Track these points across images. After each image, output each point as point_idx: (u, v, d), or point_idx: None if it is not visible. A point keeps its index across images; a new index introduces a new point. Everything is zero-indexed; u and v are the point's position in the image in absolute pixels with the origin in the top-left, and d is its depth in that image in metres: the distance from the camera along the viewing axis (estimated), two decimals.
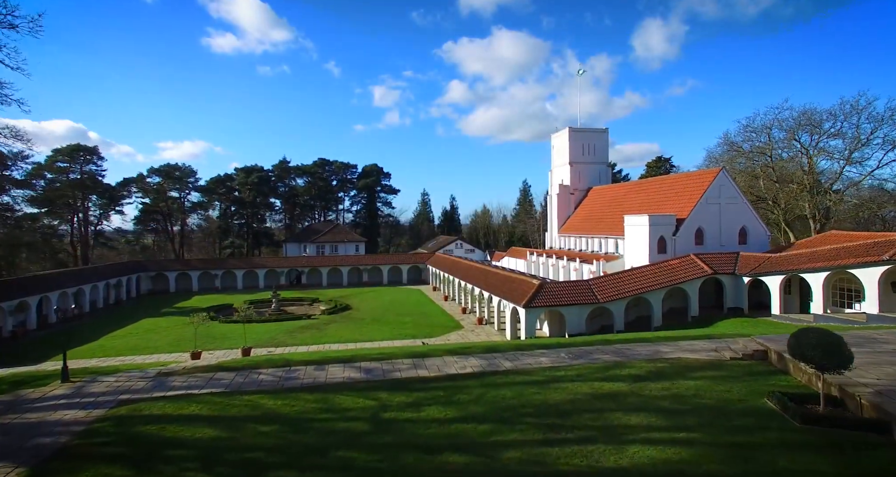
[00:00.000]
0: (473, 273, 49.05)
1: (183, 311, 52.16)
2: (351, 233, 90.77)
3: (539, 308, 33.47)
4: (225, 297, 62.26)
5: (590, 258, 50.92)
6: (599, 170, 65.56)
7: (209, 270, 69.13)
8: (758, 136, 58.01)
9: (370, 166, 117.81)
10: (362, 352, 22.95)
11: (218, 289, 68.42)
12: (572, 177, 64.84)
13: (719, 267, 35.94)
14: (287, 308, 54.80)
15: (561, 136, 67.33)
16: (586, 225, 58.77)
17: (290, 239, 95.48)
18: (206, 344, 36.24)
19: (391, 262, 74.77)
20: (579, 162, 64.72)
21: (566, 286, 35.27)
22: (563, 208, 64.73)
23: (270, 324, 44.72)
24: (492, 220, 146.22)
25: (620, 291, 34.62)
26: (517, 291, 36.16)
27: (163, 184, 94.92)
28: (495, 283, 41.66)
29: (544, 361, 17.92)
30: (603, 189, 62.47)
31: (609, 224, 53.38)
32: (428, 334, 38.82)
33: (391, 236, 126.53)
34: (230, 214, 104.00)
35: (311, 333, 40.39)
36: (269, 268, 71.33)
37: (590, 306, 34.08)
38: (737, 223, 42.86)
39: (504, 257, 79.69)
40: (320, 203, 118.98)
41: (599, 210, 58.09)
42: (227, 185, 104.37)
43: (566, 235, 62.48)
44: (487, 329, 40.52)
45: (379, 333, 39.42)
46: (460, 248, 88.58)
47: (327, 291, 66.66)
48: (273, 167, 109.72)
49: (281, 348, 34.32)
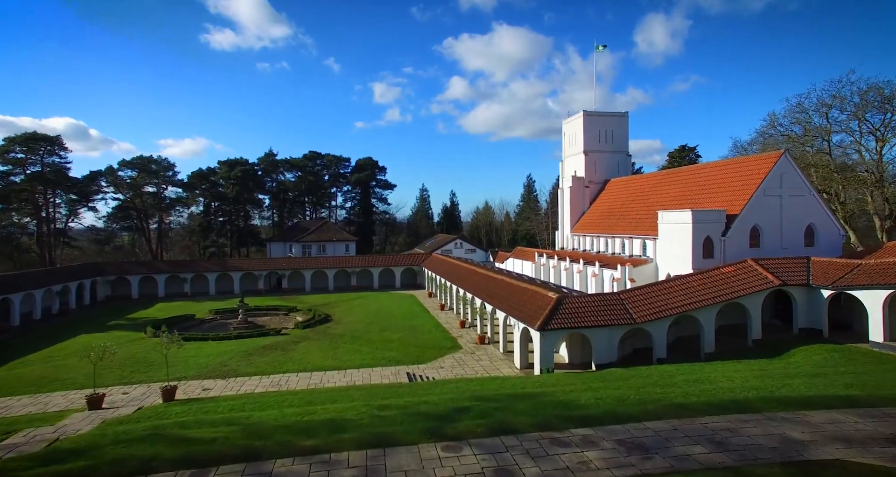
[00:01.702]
0: (474, 280, 41.36)
1: (136, 323, 44.58)
2: (340, 231, 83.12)
3: (558, 331, 25.81)
4: (192, 304, 54.73)
5: (612, 262, 43.15)
6: (618, 159, 57.59)
7: (177, 274, 61.54)
8: (812, 117, 49.46)
9: (364, 160, 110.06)
10: (295, 419, 15.17)
11: (187, 294, 60.84)
12: (587, 168, 56.92)
13: (788, 276, 28.12)
14: (258, 319, 47.27)
15: (574, 122, 59.45)
16: (605, 222, 50.98)
17: (274, 238, 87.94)
18: (137, 373, 28.69)
19: (382, 264, 67.12)
20: (595, 151, 56.77)
21: (592, 301, 27.56)
22: (577, 203, 56.90)
23: (230, 342, 37.14)
24: (494, 218, 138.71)
25: (662, 307, 26.91)
26: (529, 306, 28.48)
27: (137, 178, 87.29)
28: (501, 294, 33.98)
29: (592, 461, 10.25)
30: (624, 181, 54.54)
31: (634, 221, 45.60)
32: (417, 358, 31.25)
33: (387, 235, 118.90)
34: (212, 211, 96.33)
35: (274, 355, 32.79)
36: (245, 271, 63.72)
37: (623, 328, 26.41)
38: (802, 220, 34.86)
39: (508, 258, 71.96)
40: (311, 199, 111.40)
41: (621, 205, 50.23)
42: (211, 180, 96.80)
43: (580, 235, 54.71)
44: (491, 351, 32.86)
45: (356, 357, 31.84)
46: (460, 247, 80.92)
47: (309, 297, 59.11)
48: (259, 160, 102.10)
49: (224, 382, 26.70)
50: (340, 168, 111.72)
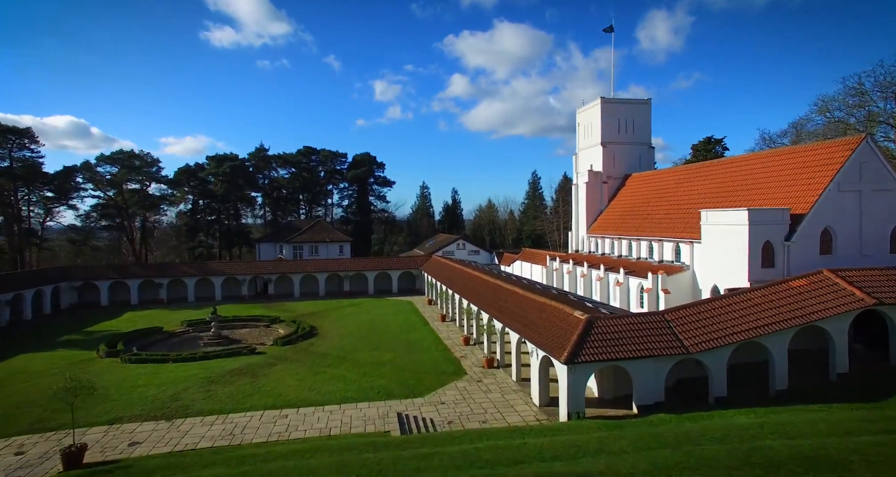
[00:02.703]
0: (481, 290, 35.67)
1: (92, 338, 38.96)
2: (334, 231, 77.43)
3: (591, 365, 20.13)
4: (166, 313, 49.20)
5: (640, 269, 37.42)
6: (640, 152, 51.66)
7: (152, 278, 55.96)
8: (873, 101, 43.17)
9: (361, 155, 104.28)
10: None
11: (163, 301, 55.25)
12: (605, 161, 51.00)
13: (882, 293, 22.36)
14: (236, 332, 41.76)
15: (590, 110, 53.55)
16: (627, 222, 45.21)
17: (264, 238, 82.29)
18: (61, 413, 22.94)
19: (378, 267, 61.46)
20: (614, 142, 50.85)
21: (630, 324, 21.86)
22: (594, 201, 51.05)
23: (193, 364, 31.52)
24: (497, 216, 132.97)
25: (719, 331, 21.20)
26: (550, 328, 22.82)
27: (117, 174, 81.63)
28: (514, 309, 28.30)
29: None
30: (648, 176, 48.61)
31: (663, 222, 39.82)
32: (412, 389, 25.67)
33: (386, 234, 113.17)
34: (199, 210, 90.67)
35: (241, 384, 27.21)
36: (227, 275, 58.11)
37: (671, 359, 20.75)
38: (887, 222, 28.74)
39: (515, 261, 66.27)
40: (306, 197, 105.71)
41: (646, 203, 44.40)
42: (199, 177, 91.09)
43: (598, 236, 48.93)
44: (502, 378, 27.22)
45: (339, 386, 26.29)
46: (462, 248, 75.25)
47: (297, 304, 53.57)
48: (249, 156, 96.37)
49: (166, 427, 21.05)
50: (336, 164, 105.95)
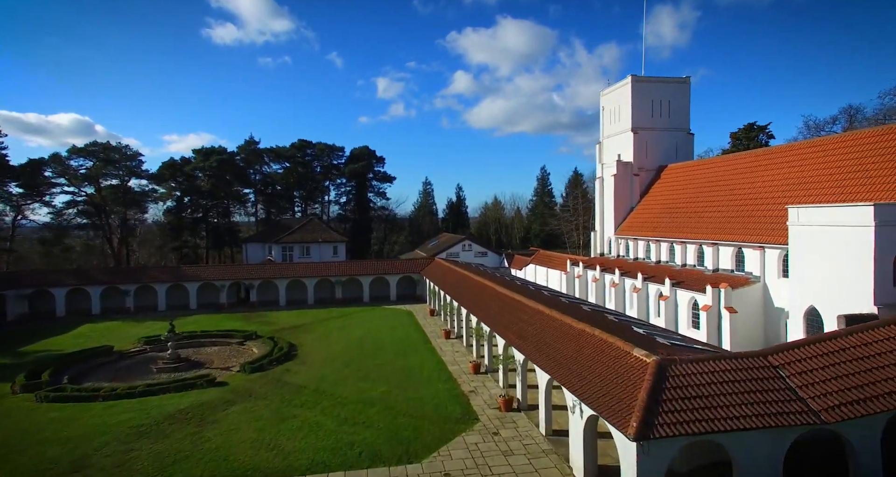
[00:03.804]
0: (492, 305, 28.72)
1: (20, 363, 31.99)
2: (328, 231, 70.57)
3: (674, 440, 13.21)
4: (129, 326, 42.64)
5: (691, 280, 30.40)
6: (677, 140, 44.44)
7: (117, 285, 49.26)
8: None
9: (360, 149, 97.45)
10: None
11: (129, 311, 48.60)
12: (636, 150, 43.86)
13: None
14: (203, 351, 35.19)
15: (617, 92, 46.33)
16: (668, 222, 38.13)
17: (251, 238, 75.62)
18: None
19: (374, 271, 54.63)
20: (647, 128, 43.71)
21: (720, 372, 14.90)
22: (623, 196, 43.97)
23: (129, 402, 24.81)
24: (504, 214, 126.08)
25: (862, 386, 14.26)
26: (598, 374, 15.86)
27: (93, 168, 75.00)
28: (540, 336, 21.35)
29: None
30: (691, 166, 41.27)
31: (718, 220, 32.73)
32: (406, 447, 18.86)
33: (386, 233, 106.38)
34: (184, 207, 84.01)
35: (179, 437, 20.42)
36: (204, 281, 51.38)
37: (794, 431, 13.83)
38: None
39: (528, 264, 59.30)
40: (301, 194, 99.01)
41: (691, 198, 37.27)
42: (185, 172, 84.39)
43: (628, 237, 41.91)
44: (526, 429, 20.35)
45: (310, 441, 19.52)
46: (469, 250, 68.38)
47: (281, 314, 46.94)
48: (239, 149, 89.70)
49: None
50: (334, 158, 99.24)
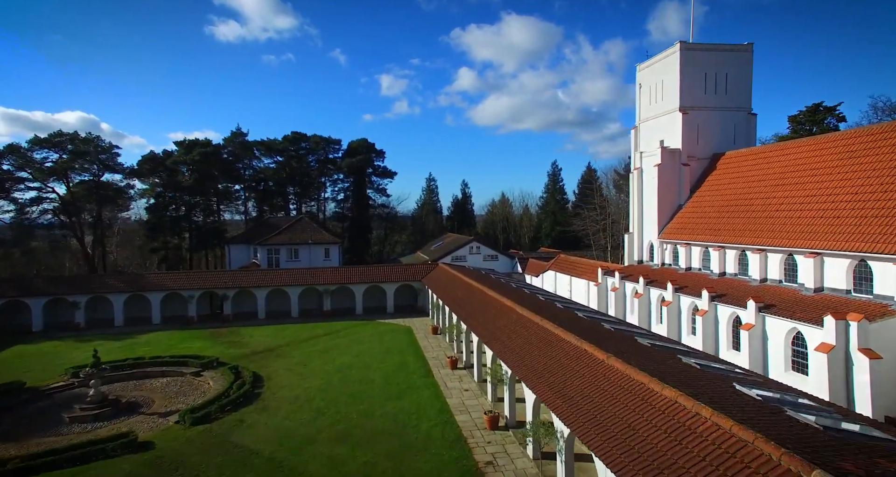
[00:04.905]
0: (514, 338, 20.92)
1: None
2: (319, 231, 63.03)
3: None
4: (71, 348, 35.36)
5: (791, 305, 22.59)
6: (735, 121, 36.52)
7: (64, 296, 41.91)
8: None
9: (358, 142, 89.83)
10: None
11: (78, 327, 41.23)
12: (685, 134, 35.91)
13: None
14: (142, 386, 27.73)
15: (660, 64, 38.23)
16: (733, 224, 30.26)
17: (235, 239, 68.26)
18: None
19: (369, 278, 47.05)
20: (699, 107, 35.83)
21: None
22: (669, 191, 36.12)
23: None
24: (512, 212, 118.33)
25: None
26: None
27: (61, 162, 67.74)
28: (596, 401, 13.62)
29: None
30: (755, 154, 33.17)
31: (820, 223, 24.91)
32: None
33: (387, 233, 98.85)
34: (164, 204, 76.64)
35: None
36: (170, 290, 43.95)
37: None
38: None
39: (546, 271, 51.63)
40: (296, 190, 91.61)
41: (767, 193, 29.23)
42: (167, 166, 77.05)
43: (677, 241, 34.13)
44: None
45: None
46: (477, 253, 60.72)
47: (259, 329, 39.64)
48: (225, 141, 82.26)
49: None
50: (330, 152, 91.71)
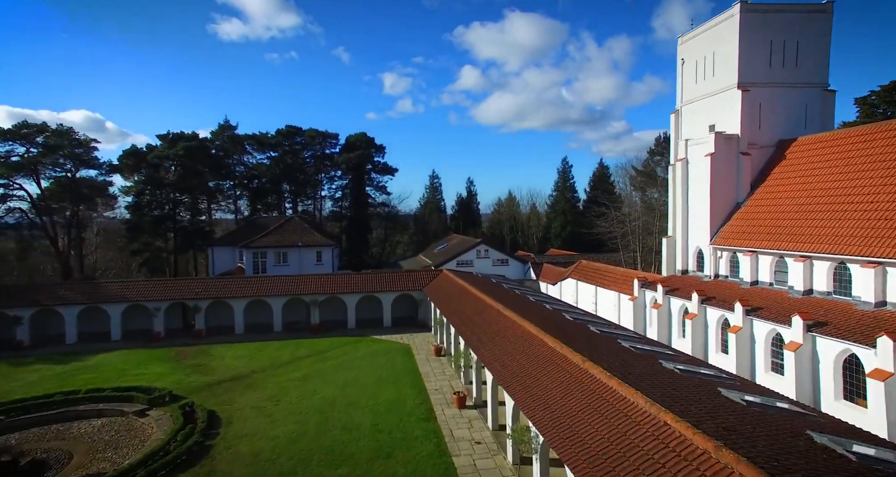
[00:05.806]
0: (542, 378, 14.60)
1: None
2: (311, 232, 56.91)
3: None
4: (9, 374, 29.42)
5: None
6: (807, 100, 29.95)
7: (4, 310, 35.91)
8: None
9: (356, 136, 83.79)
10: None
11: (21, 345, 35.30)
12: (744, 117, 29.37)
13: None
14: (65, 434, 21.68)
15: (712, 32, 31.55)
16: (816, 226, 23.88)
17: (220, 241, 62.28)
18: None
19: (363, 288, 40.89)
20: (763, 83, 29.31)
21: None
22: (725, 189, 29.60)
23: None
24: (520, 212, 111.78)
25: None
26: None
27: (28, 157, 61.87)
28: None
29: None
30: (850, 135, 26.37)
31: None
32: None
33: (387, 233, 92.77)
34: (146, 203, 70.75)
35: None
36: (133, 301, 37.95)
37: None
38: None
39: (566, 278, 45.36)
40: (291, 188, 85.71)
41: (877, 185, 22.73)
42: (149, 162, 71.21)
43: (737, 249, 27.76)
44: None
45: None
46: (485, 257, 54.44)
47: (234, 347, 33.71)
48: (212, 135, 76.37)
49: None
50: (327, 147, 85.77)
